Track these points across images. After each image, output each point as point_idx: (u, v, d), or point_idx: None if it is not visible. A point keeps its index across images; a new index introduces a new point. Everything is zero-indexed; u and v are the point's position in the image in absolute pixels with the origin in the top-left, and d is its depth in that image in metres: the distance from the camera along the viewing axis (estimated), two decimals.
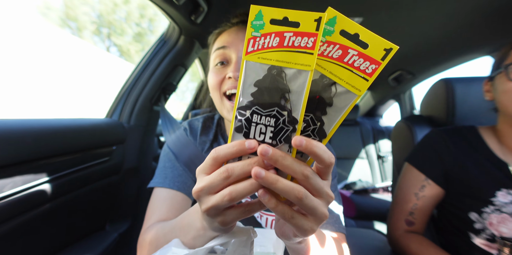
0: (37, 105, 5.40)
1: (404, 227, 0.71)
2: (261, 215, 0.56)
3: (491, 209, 0.59)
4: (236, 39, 0.49)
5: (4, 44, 6.23)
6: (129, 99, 1.04)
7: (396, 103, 2.25)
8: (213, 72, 0.52)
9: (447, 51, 1.27)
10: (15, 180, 0.59)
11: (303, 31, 0.22)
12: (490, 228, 0.59)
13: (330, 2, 0.92)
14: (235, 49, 0.49)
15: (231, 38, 0.50)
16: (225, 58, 0.50)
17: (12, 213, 0.59)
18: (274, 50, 0.23)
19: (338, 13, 0.23)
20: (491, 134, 0.70)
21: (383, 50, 0.23)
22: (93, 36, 14.19)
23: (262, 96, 0.24)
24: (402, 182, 0.75)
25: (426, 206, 0.69)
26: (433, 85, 0.91)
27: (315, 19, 0.22)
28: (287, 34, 0.23)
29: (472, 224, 0.62)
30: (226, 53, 0.50)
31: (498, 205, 0.59)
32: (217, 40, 0.54)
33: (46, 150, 0.66)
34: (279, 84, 0.23)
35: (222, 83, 0.50)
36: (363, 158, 2.16)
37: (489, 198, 0.60)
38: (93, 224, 0.92)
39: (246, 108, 0.24)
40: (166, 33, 1.07)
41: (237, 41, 0.49)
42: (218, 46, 0.51)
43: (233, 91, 0.50)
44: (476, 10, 0.90)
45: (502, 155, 0.65)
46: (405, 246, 0.68)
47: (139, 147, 1.06)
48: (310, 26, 0.22)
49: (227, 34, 0.52)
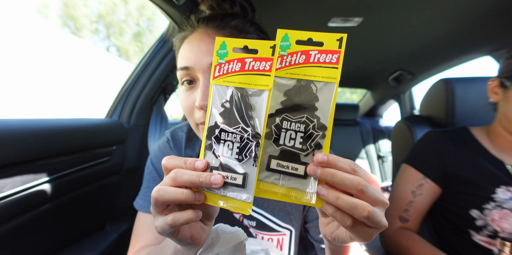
0: (37, 105, 5.39)
1: (398, 224, 0.72)
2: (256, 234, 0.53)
3: (492, 206, 0.60)
4: (199, 54, 0.44)
5: (3, 44, 6.22)
6: (129, 99, 1.04)
7: (396, 103, 2.25)
8: (182, 92, 0.49)
9: (447, 51, 1.27)
10: (15, 180, 0.59)
11: (261, 57, 0.26)
12: (492, 224, 0.60)
13: (330, 2, 0.92)
14: (199, 68, 0.44)
15: (193, 54, 0.44)
16: (191, 78, 0.47)
17: (12, 213, 0.59)
18: (237, 74, 0.27)
19: (287, 30, 0.27)
20: (484, 134, 0.71)
21: (336, 41, 0.26)
22: (92, 36, 14.19)
23: (229, 115, 0.27)
24: (400, 180, 0.76)
25: (421, 204, 0.70)
26: (433, 85, 0.91)
27: (271, 46, 0.26)
28: (248, 60, 0.27)
29: (474, 221, 0.63)
30: (192, 74, 0.46)
31: (499, 201, 0.60)
32: (180, 51, 0.49)
33: (46, 150, 0.66)
34: (243, 103, 0.27)
35: (193, 112, 0.47)
36: (363, 158, 2.16)
37: (489, 195, 0.61)
38: (93, 224, 0.92)
39: (215, 127, 0.27)
40: (166, 33, 1.07)
41: (200, 57, 0.43)
42: (181, 65, 0.46)
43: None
44: (476, 10, 0.90)
45: (496, 153, 0.67)
46: (396, 242, 0.68)
47: (139, 147, 1.06)
48: (266, 52, 0.26)
49: (189, 46, 0.46)
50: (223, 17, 0.48)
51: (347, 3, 0.92)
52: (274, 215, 0.52)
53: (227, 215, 0.53)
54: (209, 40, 0.44)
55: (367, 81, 2.15)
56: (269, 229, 0.52)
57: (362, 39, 1.25)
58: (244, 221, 0.53)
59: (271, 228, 0.52)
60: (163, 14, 0.92)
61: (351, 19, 1.03)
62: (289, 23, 1.11)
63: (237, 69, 0.27)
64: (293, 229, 0.53)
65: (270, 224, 0.52)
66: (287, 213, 0.53)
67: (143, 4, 14.03)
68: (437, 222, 0.74)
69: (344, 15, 1.00)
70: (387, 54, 1.47)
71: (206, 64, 0.43)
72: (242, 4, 0.54)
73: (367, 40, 1.26)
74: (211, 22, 0.47)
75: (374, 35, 1.19)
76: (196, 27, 0.48)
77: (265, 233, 0.52)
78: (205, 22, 0.47)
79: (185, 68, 0.45)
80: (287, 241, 0.52)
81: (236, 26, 0.47)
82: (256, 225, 0.52)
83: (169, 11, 0.88)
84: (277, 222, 0.52)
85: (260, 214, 0.52)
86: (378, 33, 1.17)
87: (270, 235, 0.52)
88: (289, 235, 0.52)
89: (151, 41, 2.05)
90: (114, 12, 14.00)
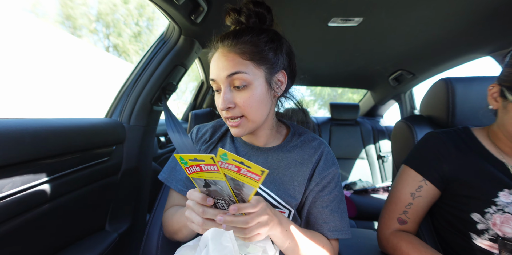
0: (37, 105, 5.39)
1: (396, 225, 0.71)
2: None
3: (494, 210, 0.59)
4: (218, 70, 0.56)
5: (2, 43, 6.22)
6: (129, 99, 1.03)
7: (396, 103, 2.25)
8: (215, 94, 0.62)
9: (447, 51, 1.27)
10: (14, 180, 0.59)
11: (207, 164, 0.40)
12: (494, 229, 0.58)
13: (330, 2, 0.92)
14: (220, 80, 0.56)
15: (215, 69, 0.57)
16: (218, 86, 0.59)
17: (12, 213, 0.59)
18: (200, 172, 0.42)
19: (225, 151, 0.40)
20: (485, 135, 0.69)
21: (260, 171, 0.38)
22: (92, 36, 14.18)
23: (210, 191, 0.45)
24: (398, 182, 0.74)
25: (420, 207, 0.69)
26: (433, 85, 0.91)
27: (211, 157, 0.39)
28: (201, 165, 0.41)
29: (475, 225, 0.61)
30: (217, 83, 0.58)
31: (501, 205, 0.58)
32: (210, 65, 0.60)
33: (46, 150, 0.66)
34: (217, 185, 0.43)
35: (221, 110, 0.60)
36: (363, 158, 2.15)
37: (491, 199, 0.60)
38: (93, 224, 0.92)
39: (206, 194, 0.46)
40: (165, 33, 1.06)
41: (219, 72, 0.56)
42: (210, 77, 0.59)
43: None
44: (476, 10, 0.90)
45: (499, 155, 0.65)
46: (395, 245, 0.67)
47: (139, 147, 1.06)
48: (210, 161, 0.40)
49: (213, 63, 0.58)
50: (234, 35, 0.57)
51: (347, 3, 0.92)
52: (278, 195, 0.61)
53: None
54: (224, 58, 0.56)
55: (368, 81, 2.15)
56: (272, 205, 0.59)
57: (362, 39, 1.25)
58: None
59: (273, 205, 0.60)
60: (162, 13, 0.92)
61: (351, 19, 1.02)
62: (289, 23, 1.11)
63: (198, 170, 0.42)
64: (292, 210, 0.61)
65: (273, 201, 0.60)
66: (289, 195, 0.61)
67: (143, 3, 14.02)
68: (438, 223, 0.73)
69: (344, 15, 1.00)
70: (388, 54, 1.47)
71: (223, 77, 0.55)
72: (257, 13, 0.59)
73: (368, 40, 1.26)
74: (226, 41, 0.57)
75: (375, 35, 1.19)
76: (218, 47, 0.58)
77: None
78: (222, 41, 0.58)
79: (212, 80, 0.58)
80: None
81: (246, 41, 0.56)
82: None
83: (169, 11, 0.87)
84: (279, 201, 0.60)
85: (266, 192, 0.61)
86: (378, 33, 1.16)
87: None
88: (287, 214, 0.61)
89: (151, 41, 2.05)
90: (113, 11, 13.99)
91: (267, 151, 0.65)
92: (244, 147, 0.67)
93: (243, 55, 0.55)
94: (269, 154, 0.65)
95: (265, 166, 0.63)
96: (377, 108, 2.47)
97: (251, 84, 0.55)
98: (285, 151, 0.65)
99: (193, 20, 0.94)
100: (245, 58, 0.55)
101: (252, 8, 0.59)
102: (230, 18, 0.61)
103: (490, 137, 0.68)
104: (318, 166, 0.63)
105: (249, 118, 0.57)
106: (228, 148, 0.68)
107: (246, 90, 0.55)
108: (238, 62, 0.54)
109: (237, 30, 0.59)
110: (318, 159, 0.64)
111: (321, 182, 0.62)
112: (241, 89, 0.55)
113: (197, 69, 1.95)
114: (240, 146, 0.68)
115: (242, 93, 0.55)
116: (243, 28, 0.59)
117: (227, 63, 0.54)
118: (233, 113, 0.56)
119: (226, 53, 0.55)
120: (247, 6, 0.59)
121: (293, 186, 0.61)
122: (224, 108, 0.55)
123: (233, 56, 0.55)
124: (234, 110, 0.56)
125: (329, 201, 0.61)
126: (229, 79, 0.54)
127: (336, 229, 0.60)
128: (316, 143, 0.66)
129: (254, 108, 0.56)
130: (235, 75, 0.54)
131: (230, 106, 0.55)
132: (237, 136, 0.63)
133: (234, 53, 0.55)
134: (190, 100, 2.12)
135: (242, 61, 0.54)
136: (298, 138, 0.68)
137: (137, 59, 1.10)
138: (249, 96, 0.55)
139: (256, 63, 0.55)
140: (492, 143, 0.67)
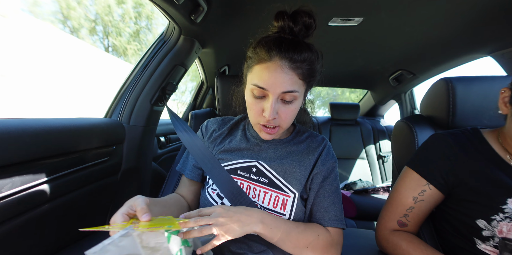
0: (36, 105, 5.39)
1: (396, 227, 0.69)
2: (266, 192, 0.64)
3: (501, 217, 0.56)
4: (275, 83, 0.54)
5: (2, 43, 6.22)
6: (129, 99, 1.03)
7: (396, 103, 2.25)
8: (251, 97, 0.59)
9: (448, 51, 1.26)
10: (14, 180, 0.58)
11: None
12: (500, 236, 0.56)
13: (330, 2, 0.92)
14: (273, 92, 0.55)
15: (271, 80, 0.54)
16: (263, 94, 0.57)
17: (11, 213, 0.59)
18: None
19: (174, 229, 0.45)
20: (495, 138, 0.66)
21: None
22: (92, 36, 14.18)
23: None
24: (401, 185, 0.72)
25: (422, 210, 0.67)
26: (434, 84, 0.91)
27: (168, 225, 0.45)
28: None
29: (480, 231, 0.59)
30: (265, 92, 0.56)
31: (509, 212, 0.55)
32: (258, 70, 0.56)
33: (45, 150, 0.66)
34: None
35: (260, 116, 0.59)
36: (363, 158, 2.15)
37: (499, 206, 0.56)
38: (93, 224, 0.91)
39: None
40: (165, 32, 1.06)
41: (275, 85, 0.54)
42: (259, 84, 0.55)
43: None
44: (477, 10, 0.90)
45: (509, 160, 0.61)
46: (395, 244, 0.66)
47: (138, 147, 1.06)
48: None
49: (268, 72, 0.54)
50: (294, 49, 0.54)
51: (347, 3, 0.92)
52: (284, 178, 0.64)
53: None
54: (284, 75, 0.54)
55: (368, 81, 2.14)
56: (278, 188, 0.63)
57: (363, 39, 1.25)
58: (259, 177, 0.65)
59: (280, 187, 0.63)
60: (162, 13, 0.92)
61: (352, 19, 1.02)
62: None
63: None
64: (297, 193, 0.63)
65: (280, 184, 0.63)
66: (295, 179, 0.64)
67: (143, 3, 14.01)
68: (441, 227, 0.71)
69: (344, 14, 1.00)
70: (388, 54, 1.47)
71: (279, 91, 0.54)
72: (308, 25, 0.58)
73: (368, 40, 1.26)
74: (285, 54, 0.54)
75: (375, 35, 1.19)
76: (273, 56, 0.54)
77: (274, 190, 0.63)
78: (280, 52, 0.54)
79: (262, 88, 0.55)
80: (290, 202, 0.62)
81: (305, 59, 0.55)
82: (268, 182, 0.64)
83: (168, 11, 0.87)
84: (285, 184, 0.63)
85: (273, 174, 0.64)
86: (378, 33, 1.16)
87: (278, 193, 0.63)
88: (293, 198, 0.63)
89: (151, 40, 2.04)
90: (112, 11, 13.97)
91: (276, 143, 0.71)
92: (256, 139, 0.71)
93: (300, 75, 0.55)
94: (278, 146, 0.70)
95: (275, 156, 0.67)
96: (377, 108, 2.46)
97: (296, 100, 0.58)
98: (292, 144, 0.70)
99: (193, 20, 0.94)
100: (300, 78, 0.56)
101: (307, 20, 0.57)
102: (281, 23, 0.58)
103: (500, 140, 0.65)
104: (321, 155, 0.68)
105: (283, 127, 0.61)
106: (239, 139, 0.72)
107: (291, 104, 0.57)
108: (295, 81, 0.55)
109: (295, 43, 0.56)
110: (322, 150, 0.70)
111: (323, 171, 0.66)
112: (288, 103, 0.57)
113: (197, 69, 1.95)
114: (252, 138, 0.72)
115: (287, 107, 0.57)
116: (297, 41, 0.57)
117: (286, 80, 0.54)
118: (273, 122, 0.59)
119: (286, 68, 0.54)
120: (302, 18, 0.56)
121: (299, 170, 0.65)
122: (271, 118, 0.56)
123: (292, 74, 0.54)
124: (275, 120, 0.58)
125: (331, 191, 0.66)
126: (282, 94, 0.55)
127: (336, 218, 0.64)
128: (320, 138, 0.73)
129: (291, 119, 0.60)
130: (290, 93, 0.55)
131: (276, 117, 0.57)
132: (266, 140, 0.68)
133: (292, 71, 0.54)
134: (190, 100, 2.12)
135: (298, 81, 0.55)
136: (302, 134, 0.74)
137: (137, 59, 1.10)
138: (292, 110, 0.58)
139: (305, 82, 0.58)
140: (502, 147, 0.64)
